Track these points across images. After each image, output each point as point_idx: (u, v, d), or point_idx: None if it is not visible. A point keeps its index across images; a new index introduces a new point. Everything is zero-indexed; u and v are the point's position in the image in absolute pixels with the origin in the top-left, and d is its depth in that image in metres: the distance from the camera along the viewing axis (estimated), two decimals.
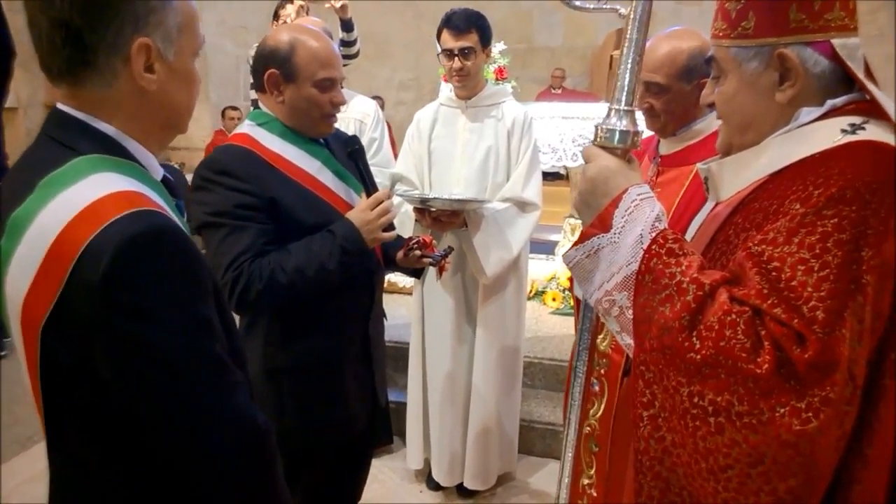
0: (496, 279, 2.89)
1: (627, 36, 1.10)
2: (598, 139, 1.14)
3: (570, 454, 1.21)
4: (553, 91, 9.63)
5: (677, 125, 1.91)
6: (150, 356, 0.96)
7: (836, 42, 1.08)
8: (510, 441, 3.17)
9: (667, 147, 1.96)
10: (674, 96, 1.85)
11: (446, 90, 3.00)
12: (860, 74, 1.09)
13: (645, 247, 1.06)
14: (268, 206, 1.79)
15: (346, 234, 1.81)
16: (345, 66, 3.73)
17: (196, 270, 1.02)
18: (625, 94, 1.11)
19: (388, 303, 4.53)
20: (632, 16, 1.09)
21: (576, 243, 1.13)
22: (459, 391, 3.03)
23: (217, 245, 1.75)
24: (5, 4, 3.74)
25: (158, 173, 1.11)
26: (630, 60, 1.10)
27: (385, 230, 1.87)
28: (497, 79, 4.88)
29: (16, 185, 1.02)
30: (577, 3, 1.19)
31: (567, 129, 4.68)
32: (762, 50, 1.10)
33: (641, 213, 1.09)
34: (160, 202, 1.03)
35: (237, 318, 1.93)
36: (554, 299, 4.58)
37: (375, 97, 9.12)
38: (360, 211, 1.86)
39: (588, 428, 1.99)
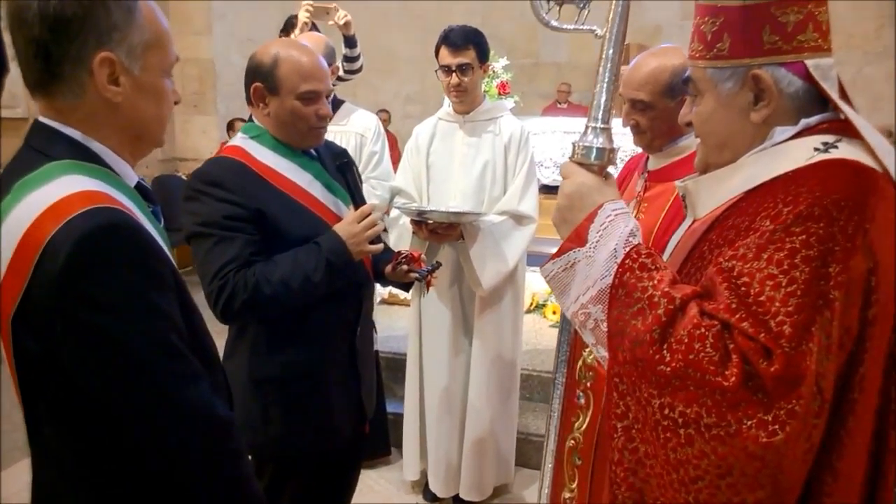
0: (493, 291, 2.91)
1: (603, 55, 1.12)
2: (576, 156, 1.17)
3: (549, 465, 1.22)
4: (559, 106, 9.68)
5: (663, 141, 1.93)
6: (105, 345, 1.01)
7: (810, 62, 1.11)
8: (507, 453, 3.18)
9: (654, 163, 1.99)
10: (658, 113, 1.87)
11: (447, 105, 3.04)
12: (834, 94, 1.11)
13: (619, 261, 1.08)
14: (255, 218, 1.81)
15: (331, 246, 1.83)
16: (348, 81, 3.82)
17: (152, 264, 1.07)
18: (601, 111, 1.14)
19: (388, 314, 4.60)
20: (607, 36, 1.12)
21: (553, 257, 1.16)
22: (456, 402, 3.05)
23: (204, 255, 1.78)
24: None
25: (132, 180, 1.17)
26: (606, 79, 1.13)
27: (372, 242, 1.89)
28: (500, 94, 4.92)
29: None
30: (555, 24, 1.22)
31: (569, 144, 4.68)
32: (737, 71, 1.13)
33: (616, 229, 1.11)
34: (127, 203, 1.09)
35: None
36: (554, 312, 4.59)
37: (382, 110, 9.18)
38: (346, 224, 1.88)
39: (572, 441, 2.00)
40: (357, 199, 1.97)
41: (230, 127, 8.03)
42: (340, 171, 2.00)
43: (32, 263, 0.99)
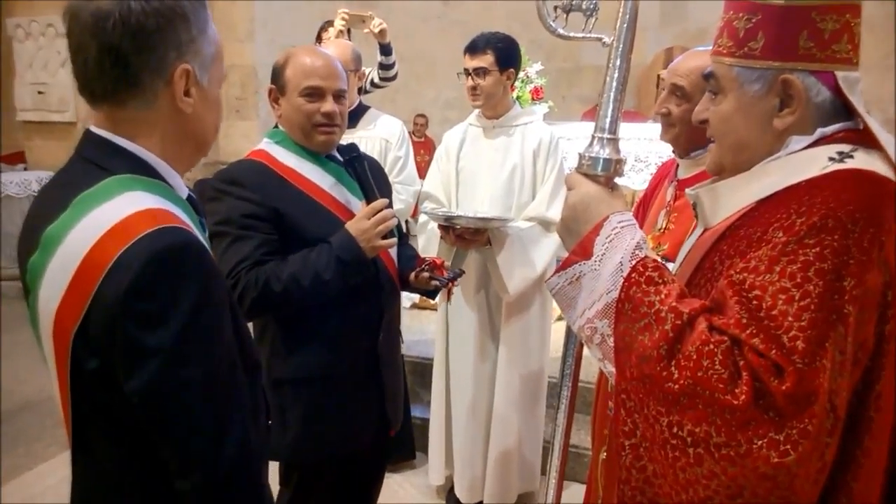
0: (520, 298, 2.90)
1: (609, 64, 1.10)
2: (582, 166, 1.15)
3: (554, 474, 1.20)
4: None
5: (690, 140, 1.89)
6: (159, 366, 1.01)
7: (840, 74, 1.07)
8: (532, 460, 3.15)
9: (684, 171, 1.95)
10: (693, 107, 1.83)
11: (477, 111, 3.04)
12: (860, 108, 1.08)
13: (625, 275, 1.06)
14: (272, 217, 1.84)
15: (341, 243, 1.83)
16: (384, 87, 3.84)
17: (213, 284, 1.08)
18: (608, 121, 1.11)
19: (418, 319, 4.60)
20: (615, 45, 1.10)
21: (557, 270, 1.14)
22: (482, 409, 3.04)
23: (221, 254, 1.80)
24: None
25: (184, 192, 1.18)
26: (613, 89, 1.10)
27: (385, 237, 1.88)
28: (533, 99, 4.88)
29: (49, 202, 1.09)
30: (562, 32, 1.20)
31: None
32: (766, 73, 1.09)
33: (622, 241, 1.09)
34: (185, 219, 1.10)
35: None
36: None
37: (420, 115, 9.19)
38: (356, 220, 1.88)
39: (605, 453, 1.97)
40: (368, 193, 1.95)
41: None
42: (350, 164, 2.00)
43: (97, 283, 0.99)
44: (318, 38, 3.78)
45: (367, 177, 1.97)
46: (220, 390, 1.08)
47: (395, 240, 1.97)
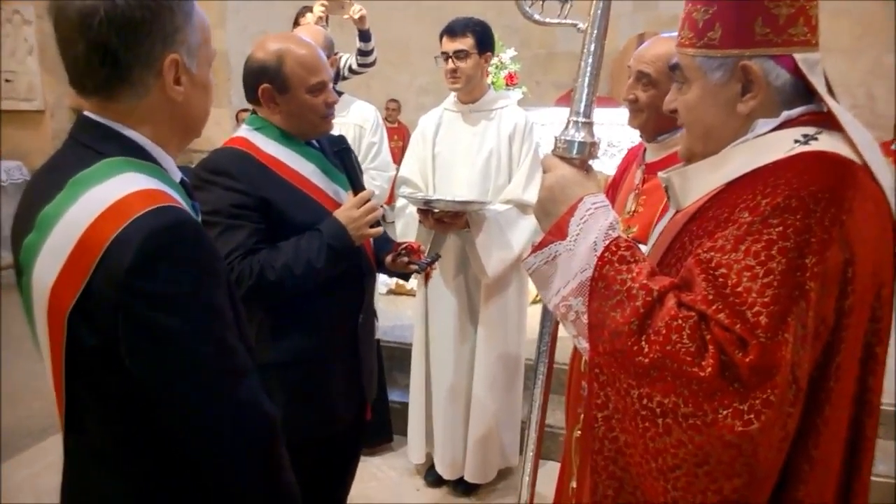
0: (498, 280, 2.95)
1: (584, 50, 1.13)
2: (557, 149, 1.18)
3: (531, 453, 1.24)
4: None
5: (657, 126, 1.94)
6: (167, 341, 1.04)
7: (798, 56, 1.11)
8: (511, 438, 3.22)
9: (652, 154, 1.99)
10: (659, 93, 1.88)
11: (452, 95, 3.07)
12: (821, 88, 1.12)
13: (598, 254, 1.10)
14: (261, 206, 1.86)
15: (332, 231, 1.87)
16: (362, 74, 3.84)
17: (212, 261, 1.11)
18: (583, 106, 1.15)
19: (395, 304, 4.63)
20: (589, 31, 1.13)
21: (534, 250, 1.17)
22: (461, 389, 3.10)
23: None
24: None
25: (177, 176, 1.20)
26: (588, 74, 1.13)
27: (372, 227, 1.93)
28: (508, 84, 4.91)
29: (44, 184, 1.10)
30: (538, 17, 1.22)
31: None
32: (727, 61, 1.13)
33: (595, 222, 1.12)
34: (180, 200, 1.11)
35: None
36: None
37: (392, 100, 9.16)
38: (346, 209, 1.92)
39: (578, 432, 2.02)
40: (356, 184, 2.00)
41: (236, 118, 8.06)
42: (338, 156, 2.04)
43: (94, 261, 1.00)
44: (296, 23, 3.76)
45: (354, 168, 2.02)
46: (228, 362, 1.11)
47: (381, 228, 2.01)
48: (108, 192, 1.04)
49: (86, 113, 1.14)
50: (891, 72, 8.21)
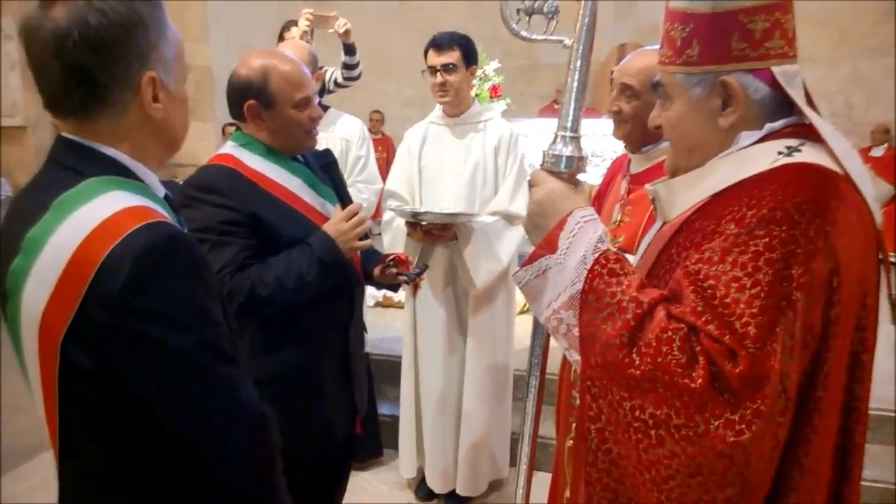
0: (486, 291, 2.96)
1: (571, 66, 1.14)
2: (546, 163, 1.19)
3: (524, 466, 1.24)
4: (556, 106, 9.72)
5: (642, 137, 1.97)
6: (167, 355, 1.04)
7: (776, 69, 1.13)
8: (501, 450, 3.22)
9: (637, 165, 2.02)
10: (642, 105, 1.91)
11: (437, 108, 3.09)
12: (800, 100, 1.14)
13: (588, 267, 1.11)
14: (250, 222, 1.86)
15: (322, 245, 1.89)
16: (347, 87, 3.85)
17: (204, 274, 1.11)
18: (570, 120, 1.16)
19: (383, 316, 4.63)
20: (575, 47, 1.14)
21: (524, 263, 1.18)
22: (451, 401, 3.10)
23: None
24: None
25: (161, 191, 1.19)
26: (574, 89, 1.15)
27: (360, 240, 1.95)
28: (492, 96, 4.94)
29: (27, 207, 1.09)
30: (525, 34, 1.24)
31: None
32: (706, 77, 1.15)
33: (585, 235, 1.14)
34: (167, 215, 1.11)
35: None
36: None
37: (375, 111, 9.18)
38: (335, 222, 1.94)
39: (570, 442, 2.03)
40: (343, 197, 2.03)
41: (223, 132, 8.05)
42: (325, 170, 2.06)
43: (86, 282, 0.99)
44: (281, 38, 3.77)
45: (342, 182, 2.05)
46: (229, 369, 1.12)
47: (370, 241, 2.03)
48: (95, 211, 1.03)
49: (63, 134, 1.13)
50: (868, 80, 8.35)
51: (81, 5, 1.03)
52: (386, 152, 8.63)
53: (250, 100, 1.93)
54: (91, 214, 1.03)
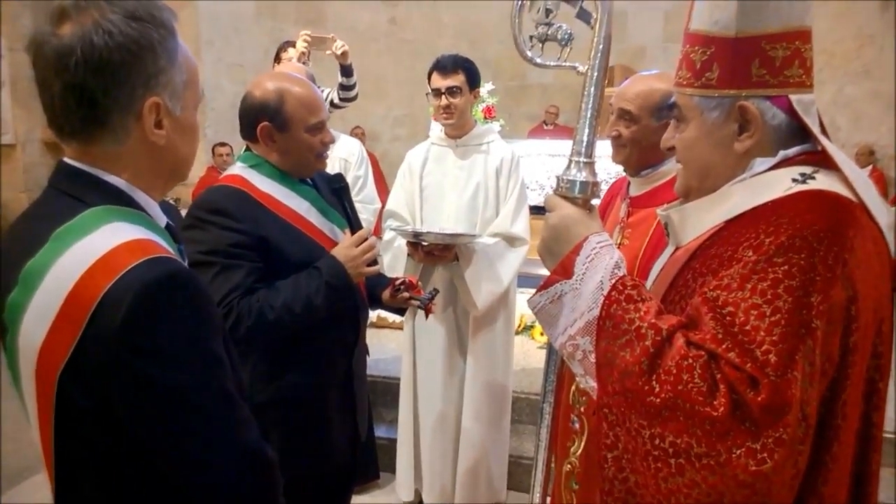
0: (487, 312, 2.96)
1: (584, 92, 1.15)
2: (560, 189, 1.19)
3: (538, 492, 1.23)
4: (545, 127, 9.78)
5: (641, 160, 1.99)
6: (169, 396, 1.00)
7: (794, 97, 1.14)
8: (499, 471, 3.20)
9: (636, 188, 2.03)
10: (641, 129, 1.94)
11: (437, 129, 3.10)
12: (815, 129, 1.14)
13: (605, 293, 1.10)
14: (259, 245, 1.85)
15: (331, 270, 1.88)
16: (343, 108, 3.86)
17: (207, 310, 1.07)
18: (584, 146, 1.16)
19: (378, 338, 4.61)
20: (589, 73, 1.14)
21: (539, 289, 1.17)
22: (450, 423, 3.09)
23: (209, 283, 1.79)
24: None
25: (163, 221, 1.16)
26: (588, 115, 1.15)
27: (369, 265, 1.95)
28: (485, 118, 4.97)
29: (25, 236, 1.06)
30: (538, 61, 1.24)
31: (554, 166, 4.77)
32: (724, 101, 1.15)
33: (601, 261, 1.13)
34: (167, 248, 1.07)
35: None
36: (542, 334, 4.61)
37: (356, 127, 9.17)
38: (344, 248, 1.94)
39: (568, 466, 2.01)
40: (353, 223, 2.03)
41: (212, 152, 7.99)
42: (336, 195, 2.06)
43: (85, 318, 0.96)
44: (277, 59, 3.77)
45: (352, 207, 2.04)
46: (232, 411, 1.08)
47: (378, 267, 2.02)
48: (96, 244, 1.00)
49: (65, 159, 1.10)
50: (852, 102, 8.45)
51: (89, 24, 1.00)
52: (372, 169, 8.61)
53: (264, 121, 1.92)
54: (91, 248, 1.00)
